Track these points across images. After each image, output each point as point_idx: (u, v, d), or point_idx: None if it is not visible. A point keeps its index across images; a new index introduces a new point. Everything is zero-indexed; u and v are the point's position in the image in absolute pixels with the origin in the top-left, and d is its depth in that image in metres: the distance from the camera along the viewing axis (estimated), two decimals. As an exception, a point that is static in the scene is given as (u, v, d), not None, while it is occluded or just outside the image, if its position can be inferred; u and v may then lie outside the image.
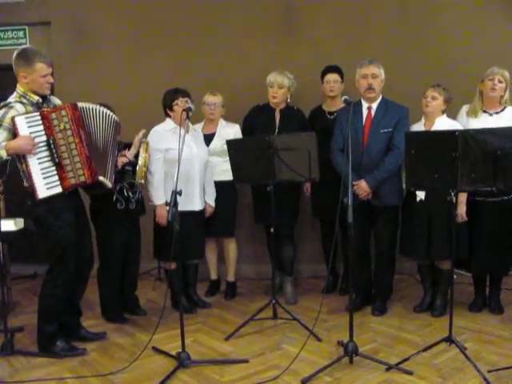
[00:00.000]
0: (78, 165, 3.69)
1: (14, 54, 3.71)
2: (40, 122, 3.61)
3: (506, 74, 4.30)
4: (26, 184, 3.70)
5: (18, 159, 3.66)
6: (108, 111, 3.92)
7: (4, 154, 3.51)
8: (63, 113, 3.67)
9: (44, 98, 3.77)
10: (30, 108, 3.68)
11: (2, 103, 3.68)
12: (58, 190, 3.66)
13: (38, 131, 3.60)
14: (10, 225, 4.60)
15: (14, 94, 3.72)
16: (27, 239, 4.87)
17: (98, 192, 4.04)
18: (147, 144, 4.29)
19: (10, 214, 4.85)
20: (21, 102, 3.66)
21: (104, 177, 3.82)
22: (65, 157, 3.67)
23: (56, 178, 3.65)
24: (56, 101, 3.92)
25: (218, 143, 4.78)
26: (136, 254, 4.54)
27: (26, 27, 5.88)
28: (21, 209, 3.99)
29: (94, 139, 3.83)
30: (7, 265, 4.75)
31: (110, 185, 3.89)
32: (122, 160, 4.16)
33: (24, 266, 5.78)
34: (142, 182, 4.25)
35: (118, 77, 5.64)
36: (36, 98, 3.71)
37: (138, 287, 4.66)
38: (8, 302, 4.57)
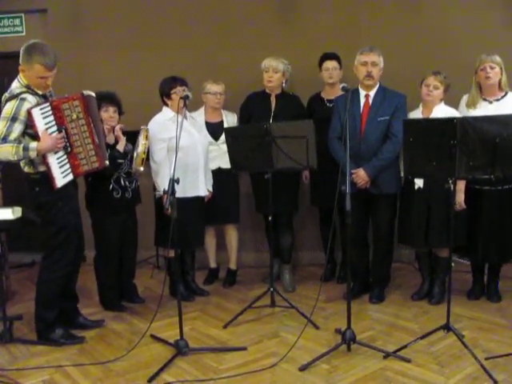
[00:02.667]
0: (92, 152, 3.77)
1: (24, 46, 3.64)
2: (50, 112, 3.62)
3: (497, 58, 4.24)
4: (29, 170, 3.70)
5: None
6: (90, 92, 3.84)
7: (34, 155, 3.55)
8: (76, 103, 3.69)
9: (44, 96, 3.74)
10: (38, 99, 3.66)
11: (8, 94, 3.63)
12: (71, 177, 3.73)
13: (51, 121, 3.62)
14: (7, 213, 4.59)
15: (17, 83, 3.66)
16: (25, 228, 4.86)
17: (105, 172, 4.09)
18: (147, 131, 4.28)
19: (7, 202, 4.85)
20: (29, 93, 3.62)
21: (107, 160, 3.88)
22: (77, 145, 3.72)
23: (68, 166, 3.71)
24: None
25: None
26: (133, 243, 4.54)
27: (23, 15, 5.84)
28: (18, 197, 3.99)
29: (97, 125, 3.84)
30: (5, 253, 4.75)
31: (107, 163, 3.90)
32: (110, 136, 4.17)
33: (22, 255, 5.78)
34: (141, 169, 4.23)
35: (115, 65, 5.60)
36: (40, 92, 3.69)
37: (136, 275, 4.67)
38: (6, 291, 4.58)
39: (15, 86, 3.66)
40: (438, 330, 3.61)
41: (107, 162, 3.87)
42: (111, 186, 4.24)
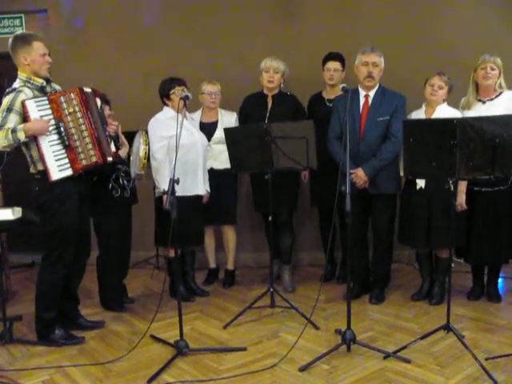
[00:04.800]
0: (89, 146, 3.74)
1: (10, 41, 3.72)
2: (48, 106, 3.64)
3: (498, 60, 4.27)
4: (32, 170, 3.71)
5: (26, 145, 3.67)
6: (88, 88, 3.86)
7: (22, 136, 3.54)
8: (72, 96, 3.70)
9: (47, 80, 3.78)
10: (36, 92, 3.69)
11: (7, 90, 3.68)
12: (69, 172, 3.70)
13: (47, 115, 3.63)
14: (7, 214, 4.59)
15: (17, 80, 3.73)
16: (25, 228, 4.86)
17: (105, 170, 4.09)
18: (146, 136, 4.29)
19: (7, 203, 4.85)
20: (27, 87, 3.66)
21: (110, 156, 3.86)
22: (75, 139, 3.71)
23: (66, 160, 3.69)
24: (56, 86, 3.91)
25: (222, 131, 4.77)
26: (128, 243, 4.55)
27: (23, 15, 5.84)
28: (18, 198, 3.99)
29: (97, 120, 3.83)
30: (5, 254, 4.75)
31: (111, 159, 3.89)
32: (112, 128, 4.08)
33: (22, 255, 5.78)
34: (142, 173, 4.25)
35: (114, 65, 5.61)
36: (40, 81, 3.73)
37: (136, 275, 4.67)
38: (6, 291, 4.58)
39: (16, 82, 3.73)
40: (438, 331, 3.61)
41: (110, 159, 3.84)
42: (110, 185, 4.25)
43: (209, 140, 4.81)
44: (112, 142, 4.00)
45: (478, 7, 5.34)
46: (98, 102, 3.93)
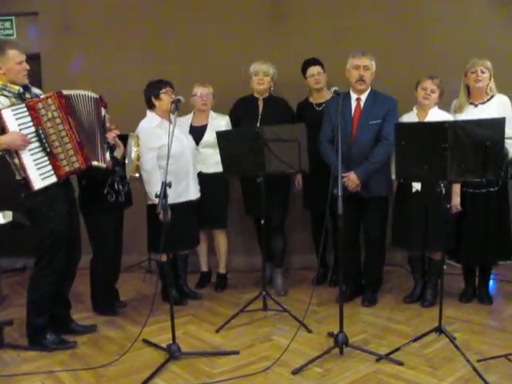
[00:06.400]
0: (71, 152, 3.68)
1: None
2: (27, 113, 3.56)
3: (488, 63, 4.31)
4: (18, 177, 3.66)
5: (9, 153, 3.61)
6: (87, 92, 3.83)
7: None
8: (49, 101, 3.64)
9: (25, 87, 3.71)
10: (13, 100, 3.62)
11: None
12: (53, 179, 3.65)
13: (26, 122, 3.56)
14: (-3, 217, 4.58)
15: None
16: (16, 232, 4.84)
17: (98, 175, 4.03)
18: (137, 138, 4.27)
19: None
20: (3, 95, 3.59)
21: (97, 160, 3.80)
22: (56, 145, 3.65)
23: (50, 167, 3.63)
24: (37, 91, 3.85)
25: (211, 135, 4.74)
26: (120, 247, 4.54)
27: (13, 18, 5.81)
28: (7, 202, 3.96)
29: (83, 124, 3.79)
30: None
31: (104, 165, 3.86)
32: (111, 136, 4.05)
33: (13, 260, 5.76)
34: (137, 175, 4.23)
35: (106, 67, 5.59)
36: (17, 87, 3.64)
37: (128, 279, 4.66)
38: (-3, 296, 4.57)
39: None
40: (431, 333, 3.62)
41: (95, 163, 3.78)
42: (106, 190, 4.23)
43: (197, 144, 4.79)
44: (108, 150, 3.95)
45: (469, 10, 5.37)
46: (103, 110, 3.90)
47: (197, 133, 4.83)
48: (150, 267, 5.62)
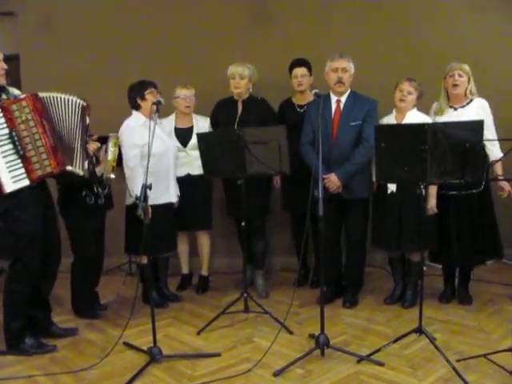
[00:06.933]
0: (44, 155, 3.63)
1: None
2: (1, 114, 3.52)
3: (466, 67, 4.33)
4: None
5: None
6: (72, 97, 3.80)
7: None
8: (23, 104, 3.59)
9: (1, 88, 3.66)
10: None
11: None
12: (26, 182, 3.60)
13: (1, 123, 3.52)
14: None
15: None
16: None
17: (74, 181, 3.99)
18: (117, 138, 4.25)
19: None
20: None
21: (72, 166, 3.76)
22: (29, 148, 3.60)
23: (22, 170, 3.58)
24: (15, 91, 3.80)
25: None
26: (102, 249, 4.51)
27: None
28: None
29: (59, 128, 3.75)
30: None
31: (81, 172, 3.82)
32: (92, 147, 4.03)
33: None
34: (112, 176, 4.21)
35: (84, 67, 5.55)
36: None
37: (108, 282, 4.62)
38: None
39: None
40: (411, 334, 3.64)
41: (69, 168, 3.73)
42: (84, 193, 4.20)
43: (184, 146, 4.80)
44: (87, 160, 3.91)
45: (449, 12, 5.42)
46: (87, 118, 3.87)
47: (183, 135, 4.83)
48: (130, 270, 5.59)
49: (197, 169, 4.76)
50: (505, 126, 4.47)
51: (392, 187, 4.35)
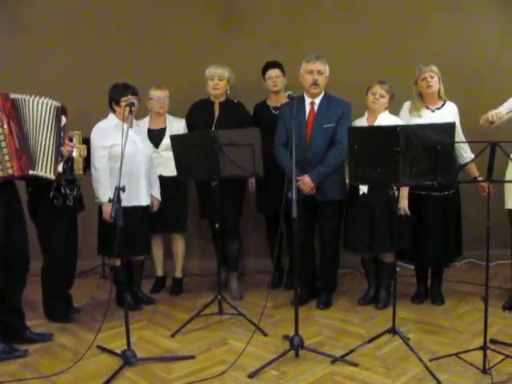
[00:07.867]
0: (6, 157, 3.56)
1: None
2: None
3: (434, 68, 4.41)
4: None
5: None
6: (44, 99, 3.74)
7: None
8: None
9: None
10: None
11: None
12: None
13: None
14: None
15: None
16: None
17: (42, 183, 3.92)
18: (79, 135, 4.18)
19: None
20: None
21: (36, 170, 3.69)
22: None
23: None
24: None
25: None
26: (74, 252, 4.45)
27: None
28: None
29: (29, 131, 3.69)
30: None
31: (50, 176, 3.76)
32: (66, 149, 3.94)
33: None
34: (81, 173, 4.15)
35: (57, 67, 5.49)
36: None
37: (81, 285, 4.57)
38: None
39: None
40: (384, 334, 3.67)
41: (32, 172, 3.67)
42: (51, 194, 4.15)
43: (157, 147, 4.78)
44: (62, 163, 3.86)
45: (422, 14, 5.49)
46: (64, 119, 3.81)
47: (155, 136, 4.81)
48: (103, 272, 5.54)
49: (170, 170, 4.73)
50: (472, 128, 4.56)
51: (363, 189, 4.39)
